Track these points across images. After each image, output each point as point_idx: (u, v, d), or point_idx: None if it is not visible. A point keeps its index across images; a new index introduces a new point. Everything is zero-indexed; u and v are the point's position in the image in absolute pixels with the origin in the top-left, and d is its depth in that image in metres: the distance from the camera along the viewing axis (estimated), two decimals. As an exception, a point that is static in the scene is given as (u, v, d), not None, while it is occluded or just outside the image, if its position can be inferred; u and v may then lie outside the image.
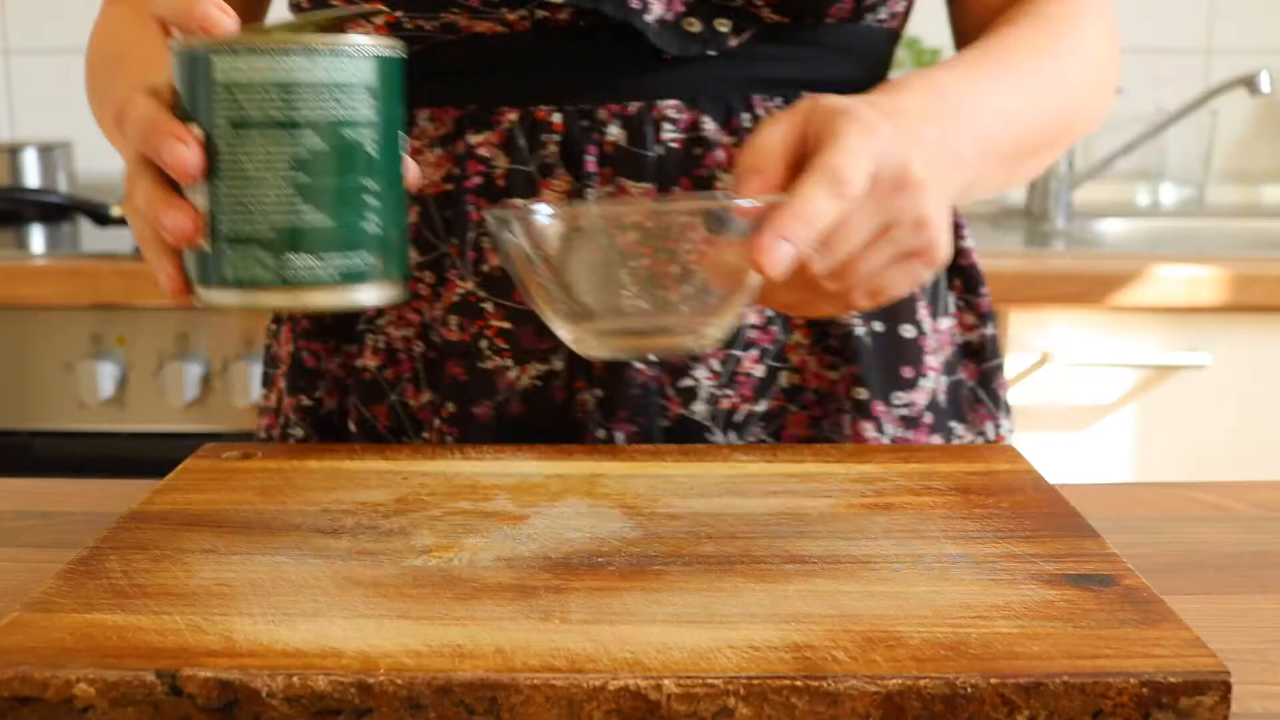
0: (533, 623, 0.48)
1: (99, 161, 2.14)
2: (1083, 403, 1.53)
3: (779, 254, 0.51)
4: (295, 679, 0.44)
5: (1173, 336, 1.52)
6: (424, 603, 0.50)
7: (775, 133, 0.56)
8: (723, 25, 0.70)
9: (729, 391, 0.63)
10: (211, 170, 0.52)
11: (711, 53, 0.71)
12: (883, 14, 0.75)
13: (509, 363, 0.73)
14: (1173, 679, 0.44)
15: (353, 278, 0.53)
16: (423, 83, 0.74)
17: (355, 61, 0.52)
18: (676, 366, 0.61)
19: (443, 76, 0.74)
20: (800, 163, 0.56)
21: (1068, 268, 1.49)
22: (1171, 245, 1.92)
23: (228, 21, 0.52)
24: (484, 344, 0.73)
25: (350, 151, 0.52)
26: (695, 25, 0.70)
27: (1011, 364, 1.52)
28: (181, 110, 0.53)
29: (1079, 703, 0.44)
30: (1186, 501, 0.68)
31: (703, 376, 0.71)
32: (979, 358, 0.83)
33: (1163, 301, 1.49)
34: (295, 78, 0.51)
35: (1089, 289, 1.47)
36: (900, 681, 0.44)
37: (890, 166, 0.55)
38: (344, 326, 0.78)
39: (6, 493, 0.69)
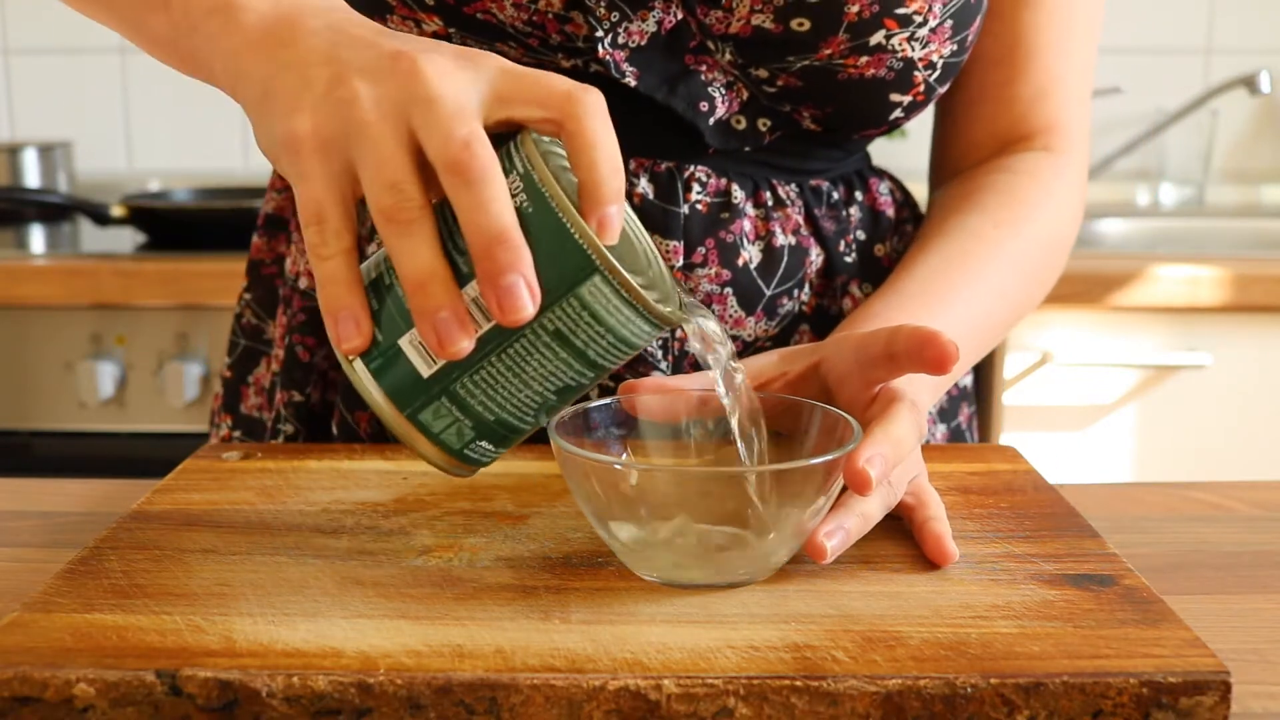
0: (533, 623, 0.48)
1: (99, 161, 2.14)
2: (1083, 403, 1.53)
3: (872, 470, 0.51)
4: (295, 679, 0.44)
5: (1173, 336, 1.52)
6: (424, 603, 0.50)
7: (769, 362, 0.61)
8: (764, 125, 0.73)
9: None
10: (491, 337, 0.48)
11: (747, 148, 0.73)
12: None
13: None
14: (1173, 679, 0.44)
15: (492, 459, 0.52)
16: None
17: (658, 330, 0.50)
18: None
19: None
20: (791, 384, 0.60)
21: (1067, 268, 1.48)
22: (1171, 245, 1.92)
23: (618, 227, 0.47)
24: None
25: (586, 386, 0.51)
26: (741, 123, 0.72)
27: (1011, 364, 1.52)
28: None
29: (1079, 703, 0.44)
30: (1186, 501, 0.68)
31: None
32: (968, 400, 0.88)
33: (1163, 301, 1.49)
34: (628, 333, 0.49)
35: (1089, 289, 1.47)
36: (900, 681, 0.44)
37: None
38: None
39: (6, 493, 0.69)
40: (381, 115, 0.46)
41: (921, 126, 0.85)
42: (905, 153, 1.39)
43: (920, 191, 0.85)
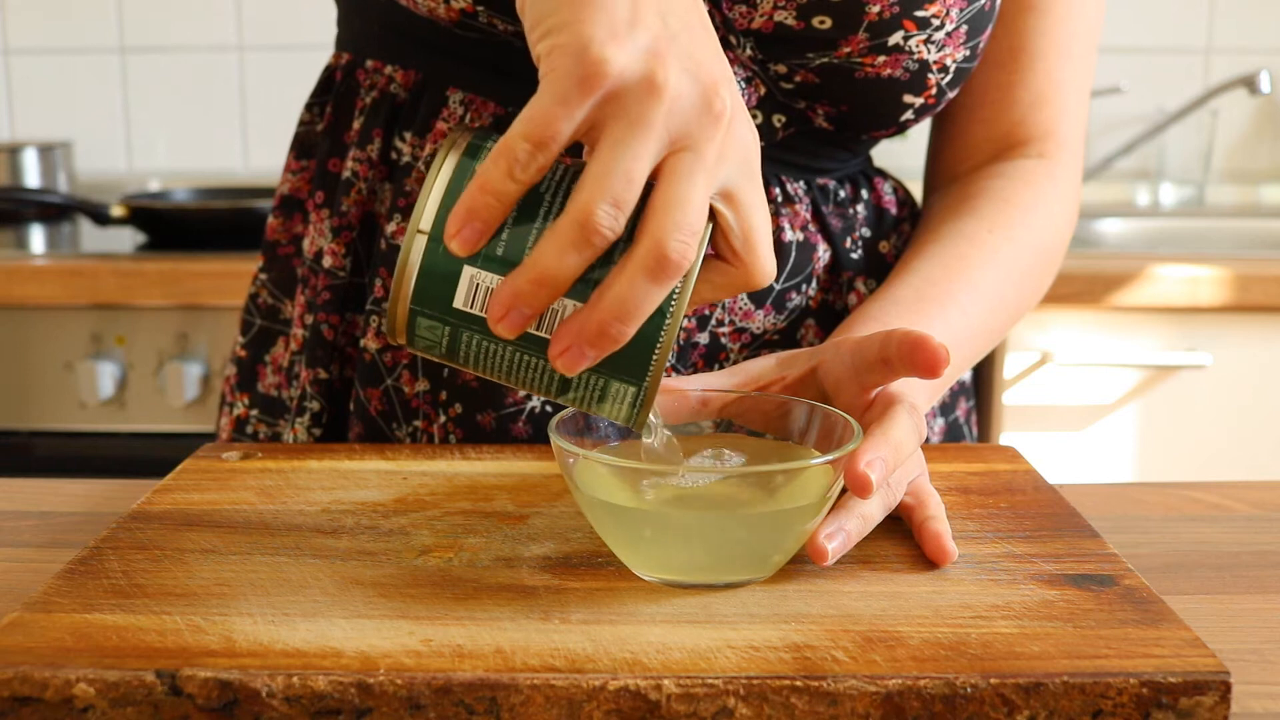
0: (533, 623, 0.48)
1: (99, 161, 2.14)
2: (1083, 403, 1.53)
3: (873, 473, 0.51)
4: (295, 679, 0.44)
5: (1173, 336, 1.52)
6: (424, 603, 0.50)
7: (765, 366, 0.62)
8: (778, 121, 0.74)
9: None
10: (527, 339, 0.49)
11: (761, 144, 0.73)
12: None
13: None
14: (1173, 679, 0.44)
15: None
16: (462, 66, 0.75)
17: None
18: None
19: (489, 70, 0.74)
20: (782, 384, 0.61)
21: (1067, 268, 1.49)
22: (1171, 245, 1.92)
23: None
24: None
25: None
26: (757, 118, 0.73)
27: (1011, 364, 1.52)
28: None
29: (1079, 703, 0.44)
30: (1186, 501, 0.68)
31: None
32: (966, 395, 0.89)
33: (1163, 301, 1.49)
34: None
35: (1089, 289, 1.47)
36: (900, 681, 0.44)
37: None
38: (357, 298, 0.78)
39: (6, 493, 0.69)
40: (664, 134, 0.45)
41: (920, 128, 0.85)
42: (905, 153, 1.39)
43: (919, 191, 0.85)
